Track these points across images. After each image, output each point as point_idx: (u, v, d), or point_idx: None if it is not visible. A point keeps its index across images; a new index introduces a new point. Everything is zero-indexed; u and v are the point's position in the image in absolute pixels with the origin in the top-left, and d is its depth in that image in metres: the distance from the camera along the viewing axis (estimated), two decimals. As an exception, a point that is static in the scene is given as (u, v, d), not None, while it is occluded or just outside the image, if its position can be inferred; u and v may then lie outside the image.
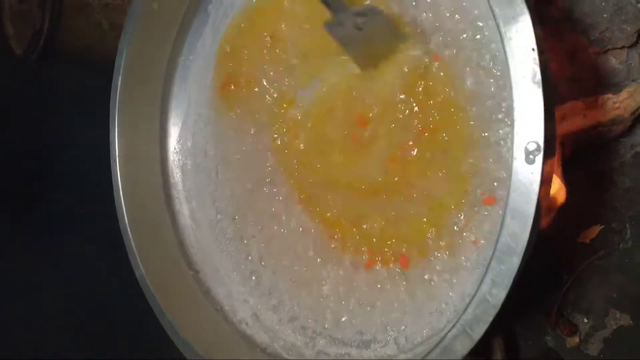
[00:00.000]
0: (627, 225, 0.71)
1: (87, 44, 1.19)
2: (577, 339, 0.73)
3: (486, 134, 0.56)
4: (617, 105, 0.72)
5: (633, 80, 0.72)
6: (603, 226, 0.73)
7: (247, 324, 0.78)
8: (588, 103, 0.73)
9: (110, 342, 1.24)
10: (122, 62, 0.82)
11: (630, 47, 0.72)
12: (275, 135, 0.77)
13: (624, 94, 0.72)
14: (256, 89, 0.79)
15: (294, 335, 0.74)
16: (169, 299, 0.77)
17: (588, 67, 0.74)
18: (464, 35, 0.58)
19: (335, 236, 0.70)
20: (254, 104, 0.79)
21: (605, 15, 0.72)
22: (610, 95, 0.72)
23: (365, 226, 0.68)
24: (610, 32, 0.72)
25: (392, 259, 0.65)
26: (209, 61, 0.85)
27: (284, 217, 0.76)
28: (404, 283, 0.63)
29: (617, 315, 0.71)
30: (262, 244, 0.79)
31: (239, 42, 0.80)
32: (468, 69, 0.58)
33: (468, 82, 0.58)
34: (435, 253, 0.60)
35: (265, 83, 0.78)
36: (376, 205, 0.66)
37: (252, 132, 0.80)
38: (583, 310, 0.74)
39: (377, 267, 0.66)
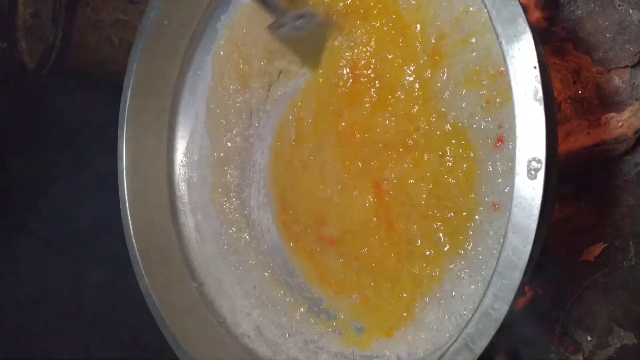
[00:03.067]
0: (631, 243, 0.71)
1: (98, 59, 1.21)
2: (580, 357, 0.73)
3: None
4: (620, 123, 0.72)
5: (636, 99, 0.72)
6: (606, 244, 0.72)
7: (249, 337, 0.78)
8: (592, 121, 0.73)
9: (113, 350, 1.24)
10: (131, 77, 0.83)
11: (634, 66, 0.72)
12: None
13: (627, 113, 0.72)
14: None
15: (296, 349, 0.74)
16: (172, 310, 0.77)
17: (592, 86, 0.75)
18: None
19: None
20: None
21: (608, 35, 0.73)
22: (613, 114, 0.73)
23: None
24: (614, 51, 0.73)
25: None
26: (218, 76, 0.86)
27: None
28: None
29: (621, 334, 0.71)
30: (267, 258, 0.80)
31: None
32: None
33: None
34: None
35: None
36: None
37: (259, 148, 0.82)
38: (587, 328, 0.73)
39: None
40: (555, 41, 0.76)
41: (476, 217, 0.56)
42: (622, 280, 0.71)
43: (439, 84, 0.59)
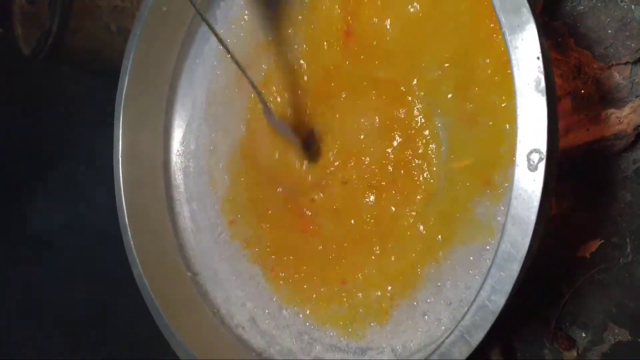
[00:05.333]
0: (628, 240, 0.71)
1: (94, 46, 1.20)
2: (575, 353, 0.73)
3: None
4: (620, 120, 0.72)
5: (636, 96, 0.72)
6: (603, 240, 0.72)
7: (243, 328, 0.78)
8: (591, 118, 0.73)
9: (106, 342, 1.24)
10: (128, 64, 0.82)
11: (634, 63, 0.72)
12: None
13: (627, 109, 0.72)
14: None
15: (290, 340, 0.73)
16: (166, 300, 0.77)
17: (592, 82, 0.75)
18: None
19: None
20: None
21: (609, 31, 0.73)
22: (613, 110, 0.72)
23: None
24: (615, 48, 0.73)
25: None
26: (215, 65, 0.85)
27: (285, 221, 0.76)
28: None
29: (616, 330, 0.71)
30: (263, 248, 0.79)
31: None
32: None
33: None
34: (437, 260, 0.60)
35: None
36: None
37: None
38: (582, 324, 0.73)
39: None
40: (557, 36, 0.76)
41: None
42: (618, 276, 0.71)
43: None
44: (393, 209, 0.64)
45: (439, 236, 0.59)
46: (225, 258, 0.82)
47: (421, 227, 0.61)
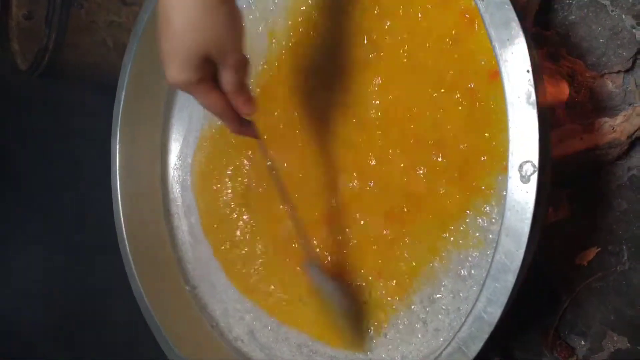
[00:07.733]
0: (624, 247, 0.71)
1: (91, 61, 1.21)
2: (574, 362, 0.73)
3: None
4: (613, 128, 0.72)
5: (629, 104, 0.73)
6: (600, 248, 0.72)
7: (242, 341, 0.78)
8: (585, 126, 0.73)
9: (104, 350, 1.24)
10: (125, 79, 0.83)
11: (627, 71, 0.73)
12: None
13: (620, 118, 0.72)
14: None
15: (290, 353, 0.73)
16: (165, 313, 0.77)
17: (585, 91, 0.75)
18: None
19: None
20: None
21: (601, 40, 0.74)
22: (606, 119, 0.73)
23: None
24: (607, 56, 0.73)
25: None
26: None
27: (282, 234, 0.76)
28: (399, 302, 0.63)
29: (615, 338, 0.71)
30: (260, 261, 0.79)
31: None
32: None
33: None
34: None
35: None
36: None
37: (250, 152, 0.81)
38: (580, 332, 0.73)
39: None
40: (549, 46, 0.77)
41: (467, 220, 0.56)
42: (615, 284, 0.71)
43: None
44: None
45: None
46: (223, 270, 0.82)
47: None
